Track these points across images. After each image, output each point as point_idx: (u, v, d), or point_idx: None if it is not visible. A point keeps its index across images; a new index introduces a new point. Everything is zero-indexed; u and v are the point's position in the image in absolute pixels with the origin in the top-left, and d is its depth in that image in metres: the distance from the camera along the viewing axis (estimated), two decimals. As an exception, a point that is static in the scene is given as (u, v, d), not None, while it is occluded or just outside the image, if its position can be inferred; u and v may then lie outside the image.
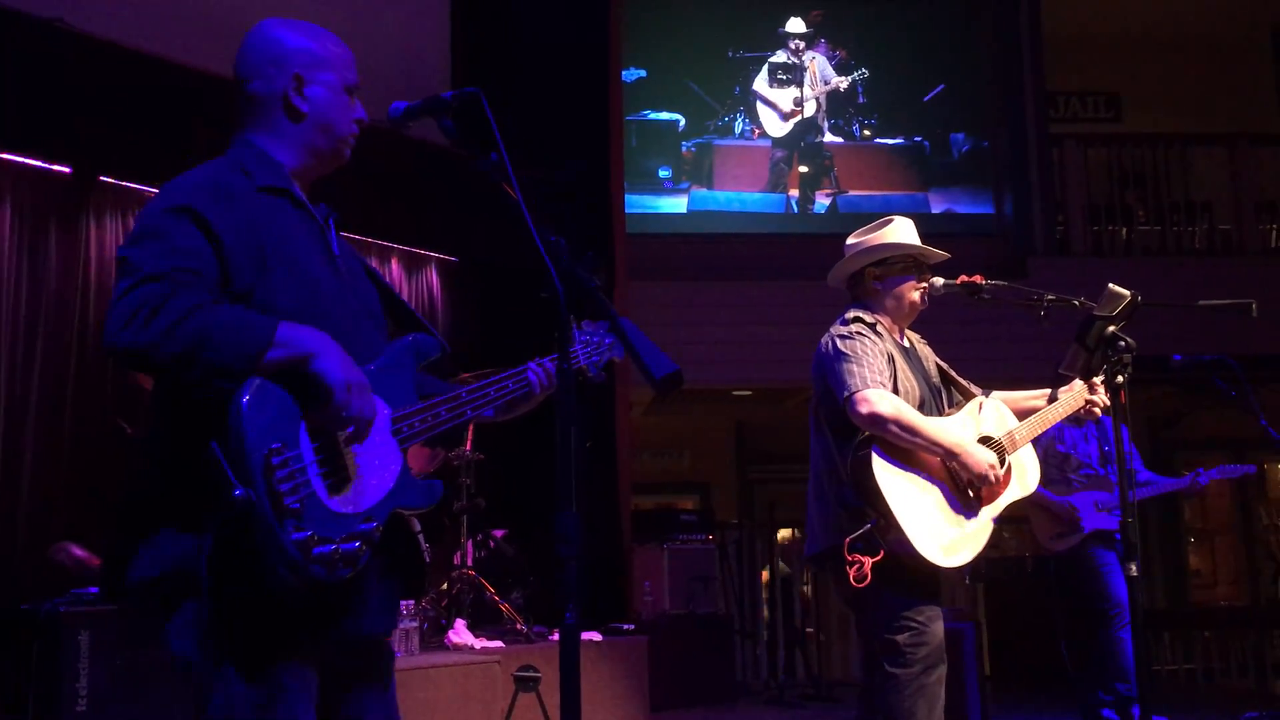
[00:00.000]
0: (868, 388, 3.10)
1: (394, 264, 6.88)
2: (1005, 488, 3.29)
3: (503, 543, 5.96)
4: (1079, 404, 3.49)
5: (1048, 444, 5.21)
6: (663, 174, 9.32)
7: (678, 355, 1.98)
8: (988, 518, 3.22)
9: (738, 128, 9.48)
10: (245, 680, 1.78)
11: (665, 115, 9.37)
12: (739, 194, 9.41)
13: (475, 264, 7.17)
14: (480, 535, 5.89)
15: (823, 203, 9.44)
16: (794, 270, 8.22)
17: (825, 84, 9.58)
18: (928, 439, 3.11)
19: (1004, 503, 3.28)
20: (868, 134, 9.61)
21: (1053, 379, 3.51)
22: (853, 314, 3.33)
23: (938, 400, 3.38)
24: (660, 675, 6.05)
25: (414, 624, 4.87)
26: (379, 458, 1.91)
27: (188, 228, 1.83)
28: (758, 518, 9.92)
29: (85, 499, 5.12)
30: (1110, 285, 3.02)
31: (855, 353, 3.18)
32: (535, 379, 2.22)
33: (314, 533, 1.74)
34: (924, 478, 3.14)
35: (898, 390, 3.20)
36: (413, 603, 5.03)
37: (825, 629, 8.40)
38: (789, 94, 9.54)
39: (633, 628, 6.24)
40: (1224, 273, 8.99)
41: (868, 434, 3.13)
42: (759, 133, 9.50)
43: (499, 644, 5.13)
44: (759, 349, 8.38)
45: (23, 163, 5.22)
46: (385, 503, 1.90)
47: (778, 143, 9.50)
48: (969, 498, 3.20)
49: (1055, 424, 3.53)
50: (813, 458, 3.34)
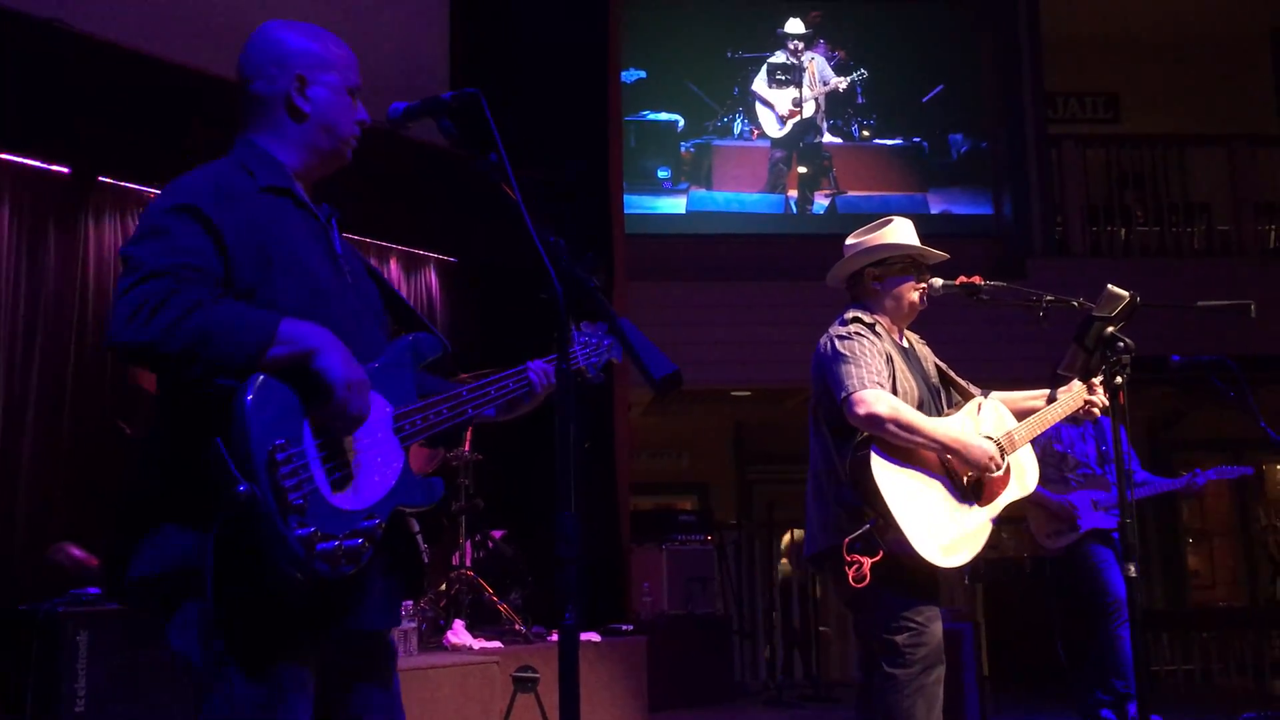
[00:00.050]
0: (865, 388, 3.10)
1: (393, 264, 6.88)
2: (1004, 488, 3.29)
3: (501, 543, 5.96)
4: (1078, 404, 3.49)
5: (1045, 443, 5.22)
6: (662, 174, 9.31)
7: (676, 356, 1.97)
8: (987, 518, 3.23)
9: (737, 128, 9.48)
10: (247, 679, 1.79)
11: (664, 116, 9.36)
12: (738, 194, 9.40)
13: (474, 264, 7.17)
14: (479, 536, 5.89)
15: (821, 203, 9.44)
16: (793, 271, 8.22)
17: (824, 84, 9.58)
18: (927, 436, 3.11)
19: (1003, 503, 3.28)
20: (866, 135, 9.61)
21: (1051, 379, 3.52)
22: (852, 314, 3.33)
23: (936, 400, 3.38)
24: (659, 676, 6.05)
25: (412, 624, 4.87)
26: (381, 455, 1.92)
27: (191, 226, 1.84)
28: (756, 518, 9.92)
29: (84, 499, 5.12)
30: (1109, 286, 3.02)
31: (853, 353, 3.18)
32: (536, 379, 2.23)
33: (317, 529, 1.75)
34: (923, 478, 3.14)
35: (896, 391, 3.20)
36: (411, 603, 5.03)
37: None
38: (788, 94, 9.54)
39: (631, 628, 6.24)
40: (1222, 273, 8.98)
41: (866, 434, 3.13)
42: (758, 133, 9.50)
43: (497, 644, 5.13)
44: (758, 349, 8.38)
45: (21, 163, 5.21)
46: (387, 500, 1.91)
47: (776, 143, 9.49)
48: (969, 497, 3.21)
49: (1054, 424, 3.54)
50: (812, 458, 3.34)
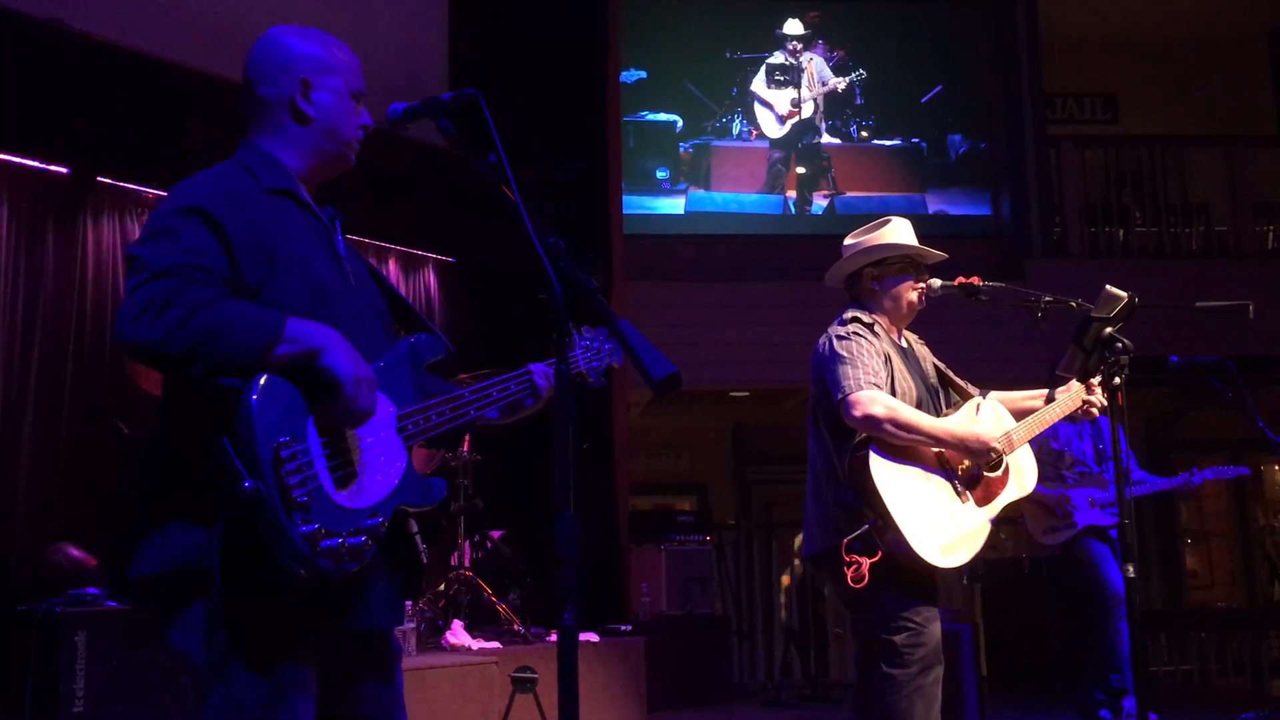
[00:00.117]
0: (862, 389, 3.10)
1: (391, 264, 6.88)
2: (1003, 488, 3.29)
3: (500, 543, 5.96)
4: (1076, 404, 3.49)
5: (1042, 441, 5.21)
6: (660, 175, 9.31)
7: (675, 356, 1.97)
8: (985, 518, 3.23)
9: (735, 129, 9.48)
10: (249, 676, 1.79)
11: (663, 116, 9.36)
12: (736, 195, 9.40)
13: (473, 265, 7.17)
14: (478, 536, 5.89)
15: (820, 204, 9.44)
16: (791, 271, 8.22)
17: (823, 85, 9.59)
18: (925, 433, 3.11)
19: (1002, 503, 3.28)
20: (865, 135, 9.61)
21: (1049, 379, 3.52)
22: (850, 314, 3.33)
23: (935, 400, 3.38)
24: (657, 676, 6.05)
25: (411, 625, 4.87)
26: (384, 455, 1.94)
27: (197, 227, 1.86)
28: (755, 518, 9.93)
29: (82, 500, 5.11)
30: (1107, 287, 3.02)
31: (851, 354, 3.18)
32: (540, 381, 2.24)
33: (321, 526, 1.76)
34: (922, 478, 3.14)
35: (894, 391, 3.20)
36: (410, 603, 5.03)
37: (822, 629, 8.38)
38: (786, 95, 9.54)
39: (630, 628, 6.24)
40: (1221, 274, 8.98)
41: (865, 434, 3.13)
42: (756, 134, 9.49)
43: (496, 645, 5.13)
44: (756, 350, 8.38)
45: (20, 163, 5.21)
46: (390, 499, 1.92)
47: (775, 144, 9.49)
48: (967, 497, 3.21)
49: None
50: (810, 458, 3.34)
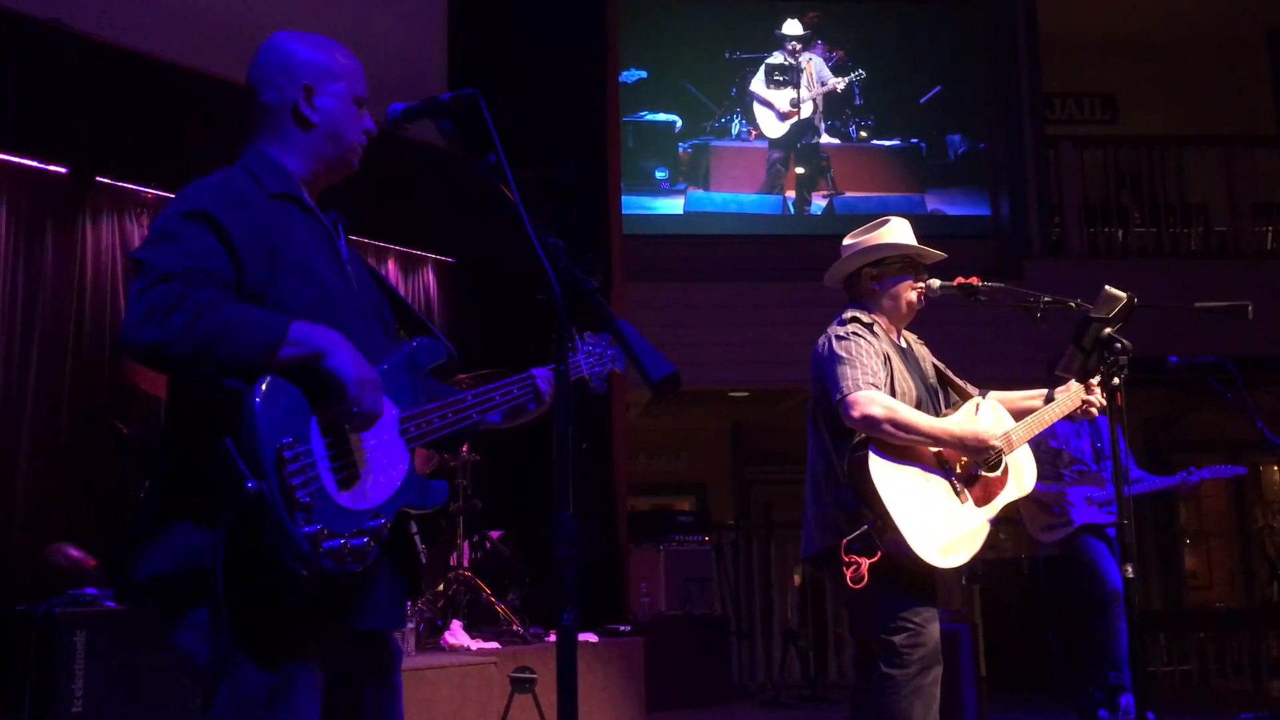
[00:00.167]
0: (861, 389, 3.10)
1: (390, 264, 6.88)
2: (1002, 488, 3.29)
3: (499, 544, 5.96)
4: (1076, 404, 3.49)
5: (1039, 439, 5.21)
6: (659, 175, 9.31)
7: (674, 356, 1.97)
8: (985, 519, 3.23)
9: (734, 129, 9.47)
10: (255, 674, 1.80)
11: (662, 116, 9.36)
12: (735, 195, 9.40)
13: (472, 265, 7.17)
14: (477, 536, 5.89)
15: (819, 204, 9.44)
16: (790, 271, 8.22)
17: (822, 85, 9.58)
18: (924, 433, 3.11)
19: (1001, 503, 3.28)
20: (864, 135, 9.61)
21: (1048, 379, 3.52)
22: (850, 314, 3.33)
23: (934, 400, 3.38)
24: (656, 676, 6.05)
25: (410, 625, 4.87)
26: (387, 456, 1.95)
27: (201, 231, 1.88)
28: (754, 518, 9.92)
29: (81, 500, 5.11)
30: (1106, 287, 3.02)
31: (850, 354, 3.18)
32: (543, 385, 2.25)
33: (324, 527, 1.77)
34: (921, 479, 3.14)
35: (894, 391, 3.20)
36: (409, 603, 5.03)
37: (822, 629, 8.38)
38: (786, 95, 9.54)
39: (629, 629, 6.24)
40: (1220, 274, 8.98)
41: (864, 434, 3.13)
42: (756, 134, 9.49)
43: (495, 645, 5.13)
44: (755, 350, 8.37)
45: (19, 163, 5.21)
46: (393, 501, 1.94)
47: (774, 144, 9.49)
48: (967, 497, 3.21)
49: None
50: (810, 458, 3.34)
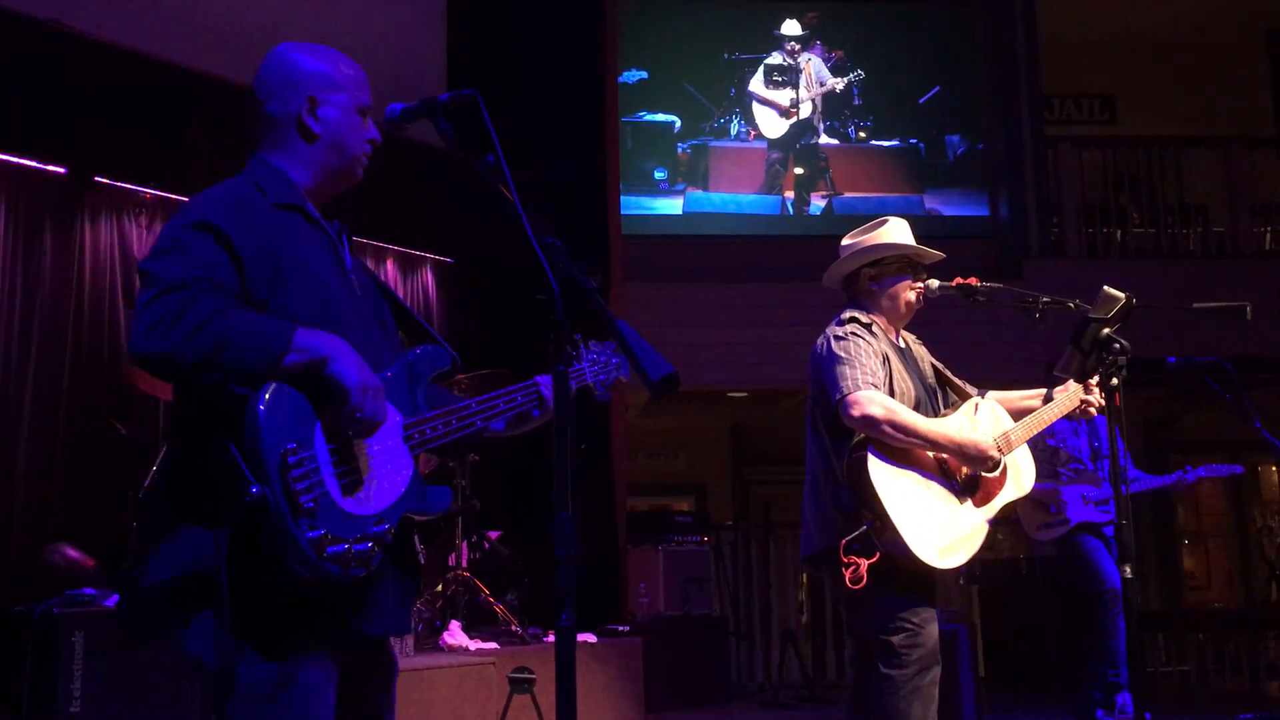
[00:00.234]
0: (860, 390, 3.10)
1: (389, 265, 6.88)
2: (1001, 489, 3.30)
3: (498, 544, 5.96)
4: (1074, 404, 3.49)
5: (1036, 437, 5.23)
6: (658, 175, 9.31)
7: (673, 357, 1.97)
8: (983, 519, 3.23)
9: (733, 129, 9.48)
10: (262, 667, 1.81)
11: (661, 117, 9.36)
12: (734, 195, 9.40)
13: (471, 265, 7.17)
14: (475, 536, 5.88)
15: (818, 204, 9.44)
16: (789, 272, 8.22)
17: (821, 86, 9.59)
18: (923, 436, 3.11)
19: (1000, 504, 3.28)
20: (863, 136, 9.61)
21: (1047, 380, 3.52)
22: (849, 314, 3.33)
23: (933, 400, 3.38)
24: (655, 676, 6.04)
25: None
26: (391, 462, 1.97)
27: (207, 241, 1.89)
28: (753, 519, 9.92)
29: (80, 500, 5.11)
30: (1105, 287, 3.02)
31: (849, 354, 3.18)
32: (548, 394, 2.24)
33: (328, 531, 1.78)
34: (920, 479, 3.14)
35: (893, 391, 3.20)
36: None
37: (821, 629, 8.38)
38: (784, 96, 9.54)
39: (628, 629, 6.23)
40: (1219, 275, 8.99)
41: (863, 435, 3.13)
42: (754, 134, 9.49)
43: (494, 645, 5.12)
44: (754, 350, 8.38)
45: (18, 163, 5.21)
46: (397, 506, 1.95)
47: (773, 144, 9.49)
48: (965, 495, 3.21)
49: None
50: (809, 459, 3.34)
